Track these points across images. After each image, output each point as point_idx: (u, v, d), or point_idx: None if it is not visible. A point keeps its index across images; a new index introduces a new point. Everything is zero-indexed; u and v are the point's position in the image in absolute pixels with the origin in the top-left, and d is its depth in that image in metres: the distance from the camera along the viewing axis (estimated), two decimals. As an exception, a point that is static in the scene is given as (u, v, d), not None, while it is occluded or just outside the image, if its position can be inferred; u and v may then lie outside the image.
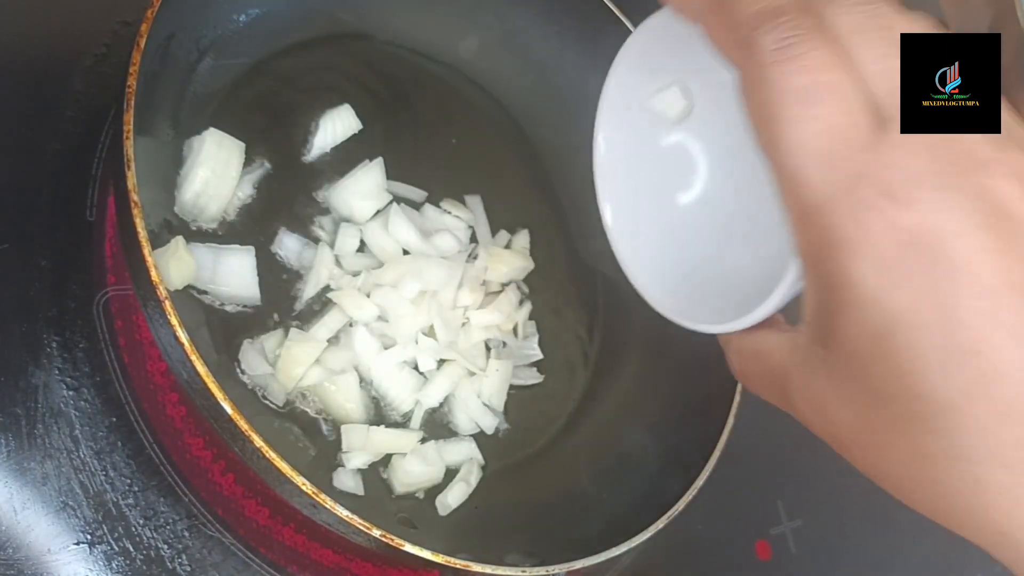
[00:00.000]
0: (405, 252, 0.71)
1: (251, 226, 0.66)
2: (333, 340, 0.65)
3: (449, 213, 0.75)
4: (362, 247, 0.70)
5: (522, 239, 0.80)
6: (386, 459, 0.65)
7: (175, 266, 0.58)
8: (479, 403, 0.70)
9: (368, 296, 0.67)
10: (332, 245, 0.69)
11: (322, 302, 0.67)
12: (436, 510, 0.64)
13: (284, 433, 0.61)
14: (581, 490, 0.70)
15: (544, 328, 0.77)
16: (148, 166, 0.55)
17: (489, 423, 0.70)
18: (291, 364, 0.61)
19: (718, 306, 0.49)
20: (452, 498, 0.65)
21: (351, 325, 0.66)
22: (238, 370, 0.61)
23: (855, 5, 0.37)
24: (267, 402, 0.61)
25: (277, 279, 0.66)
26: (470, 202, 0.78)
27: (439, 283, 0.69)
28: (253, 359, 0.61)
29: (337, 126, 0.72)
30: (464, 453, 0.68)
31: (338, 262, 0.68)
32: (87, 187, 0.64)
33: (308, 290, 0.66)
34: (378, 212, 0.71)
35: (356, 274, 0.68)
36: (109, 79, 0.67)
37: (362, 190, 0.70)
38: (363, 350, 0.66)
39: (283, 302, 0.66)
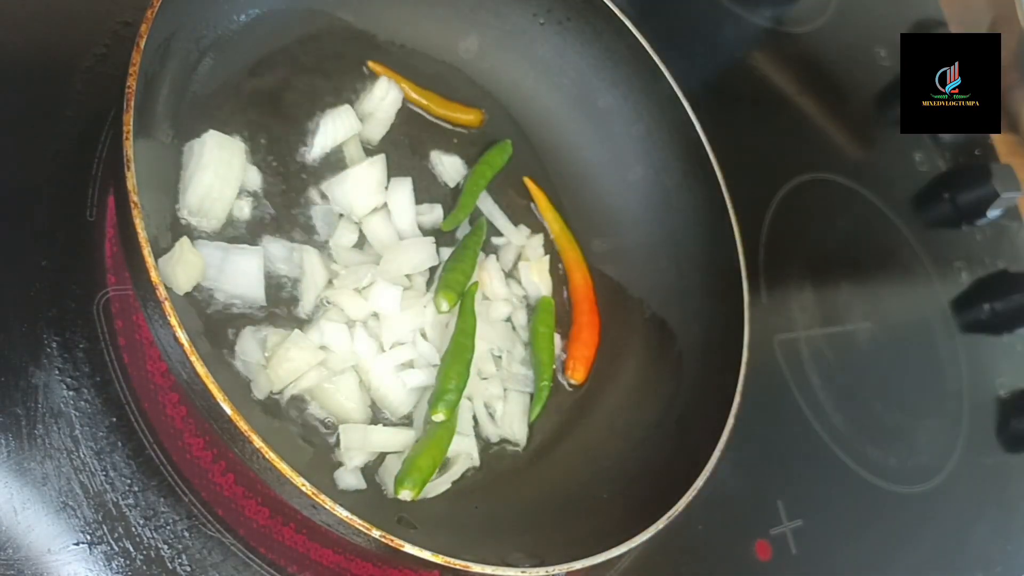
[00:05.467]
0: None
1: (253, 225, 0.66)
2: (332, 341, 0.65)
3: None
4: (359, 244, 0.71)
5: (536, 244, 0.81)
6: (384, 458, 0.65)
7: (182, 270, 0.58)
8: (483, 408, 0.71)
9: (364, 296, 0.67)
10: (327, 238, 0.69)
11: (319, 303, 0.67)
12: (436, 510, 0.64)
13: (283, 433, 0.62)
14: (581, 490, 0.69)
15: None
16: (149, 168, 0.55)
17: (492, 431, 0.71)
18: (284, 363, 0.61)
19: None
20: (433, 490, 0.65)
21: (349, 325, 0.66)
22: (232, 358, 0.61)
23: None
24: (251, 393, 0.61)
25: (278, 279, 0.66)
26: (481, 198, 0.79)
27: (430, 261, 0.70)
28: (250, 346, 0.61)
29: (338, 126, 0.72)
30: (463, 447, 0.68)
31: (333, 257, 0.69)
32: (87, 187, 0.64)
33: (307, 296, 0.66)
34: (375, 210, 0.71)
35: (349, 267, 0.68)
36: (109, 79, 0.67)
37: (364, 185, 0.70)
38: (363, 351, 0.66)
39: (284, 302, 0.66)
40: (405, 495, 0.60)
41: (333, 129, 0.72)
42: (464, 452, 0.68)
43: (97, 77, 0.67)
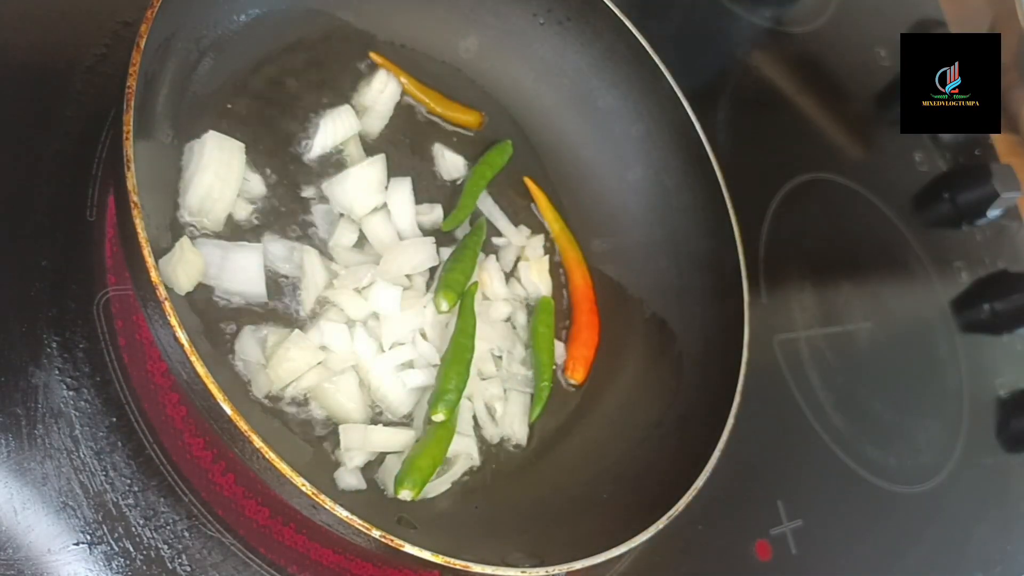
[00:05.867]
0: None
1: (253, 226, 0.66)
2: (332, 341, 0.65)
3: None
4: (359, 244, 0.71)
5: (536, 244, 0.80)
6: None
7: (182, 270, 0.58)
8: (483, 408, 0.71)
9: (364, 296, 0.67)
10: (327, 238, 0.69)
11: (320, 303, 0.67)
12: (436, 510, 0.64)
13: (283, 433, 0.61)
14: (581, 490, 0.69)
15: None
16: (149, 169, 0.55)
17: (493, 431, 0.71)
18: (284, 363, 0.61)
19: None
20: (433, 489, 0.65)
21: (349, 325, 0.66)
22: (232, 358, 0.61)
23: None
24: (250, 393, 0.61)
25: (278, 279, 0.66)
26: (481, 198, 0.79)
27: (430, 261, 0.70)
28: (249, 346, 0.61)
29: (337, 126, 0.72)
30: (463, 447, 0.68)
31: (333, 257, 0.69)
32: (87, 187, 0.64)
33: (308, 296, 0.66)
34: (375, 209, 0.72)
35: (349, 267, 0.68)
36: (109, 79, 0.67)
37: (364, 185, 0.70)
38: (363, 351, 0.66)
39: (284, 302, 0.66)
40: (405, 495, 0.60)
41: (333, 129, 0.72)
42: (464, 452, 0.68)
43: (97, 77, 0.67)
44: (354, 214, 0.70)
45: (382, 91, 0.77)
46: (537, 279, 0.78)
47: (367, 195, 0.70)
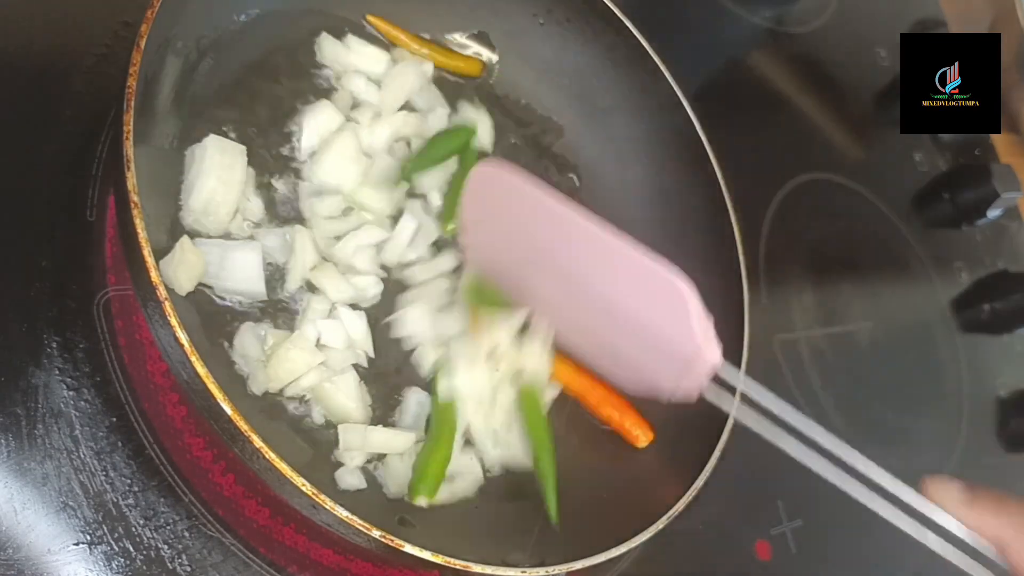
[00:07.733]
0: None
1: (254, 226, 0.66)
2: (330, 340, 0.65)
3: None
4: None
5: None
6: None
7: (183, 270, 0.58)
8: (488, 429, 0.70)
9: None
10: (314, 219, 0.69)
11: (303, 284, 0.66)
12: (436, 510, 0.64)
13: (283, 433, 0.61)
14: (581, 490, 0.69)
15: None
16: (149, 169, 0.55)
17: (491, 456, 0.69)
18: (284, 363, 0.61)
19: None
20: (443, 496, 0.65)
21: (334, 309, 0.66)
22: (231, 355, 0.61)
23: None
24: (249, 390, 0.61)
25: (275, 270, 0.66)
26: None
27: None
28: (249, 342, 0.61)
29: (320, 120, 0.71)
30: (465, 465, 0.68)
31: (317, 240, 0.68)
32: (87, 187, 0.64)
33: (293, 275, 0.65)
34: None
35: (339, 237, 0.68)
36: (109, 79, 0.67)
37: (342, 154, 0.70)
38: (353, 329, 0.66)
39: (282, 296, 0.66)
40: (422, 502, 0.60)
41: (315, 125, 0.71)
42: (469, 471, 0.67)
43: (97, 77, 0.67)
44: (343, 186, 0.70)
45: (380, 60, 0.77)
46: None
47: (349, 163, 0.70)
